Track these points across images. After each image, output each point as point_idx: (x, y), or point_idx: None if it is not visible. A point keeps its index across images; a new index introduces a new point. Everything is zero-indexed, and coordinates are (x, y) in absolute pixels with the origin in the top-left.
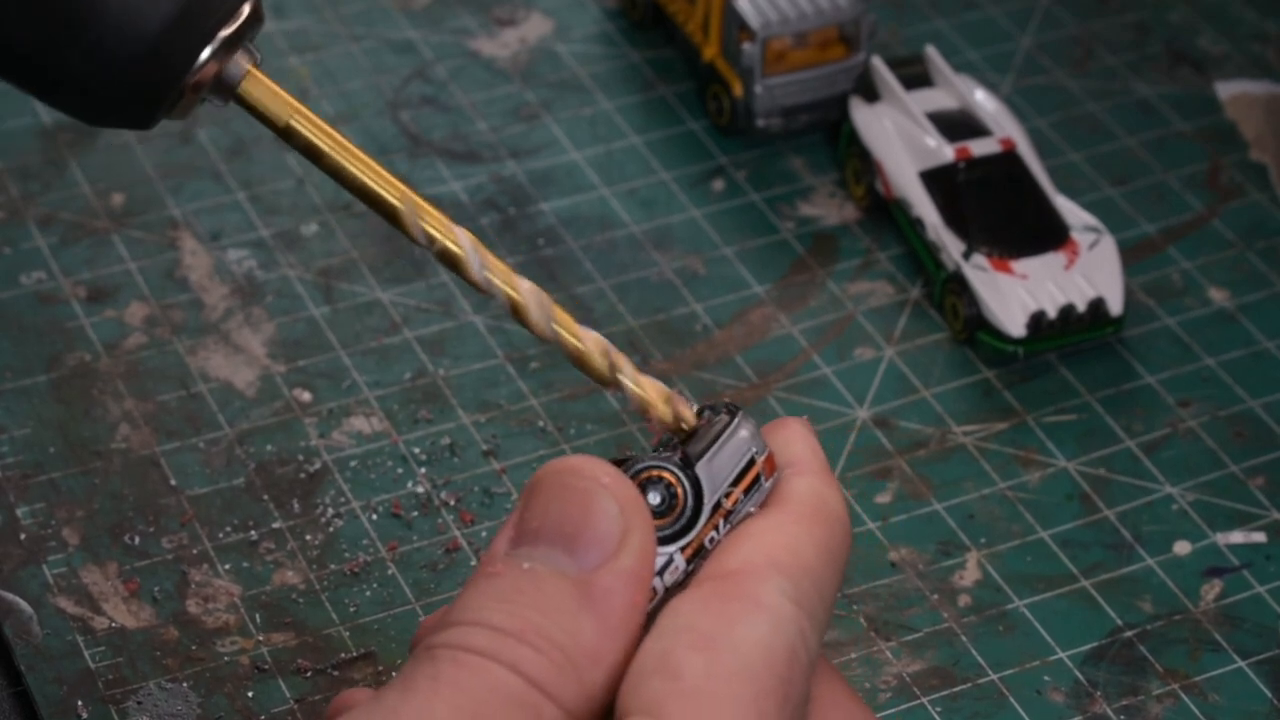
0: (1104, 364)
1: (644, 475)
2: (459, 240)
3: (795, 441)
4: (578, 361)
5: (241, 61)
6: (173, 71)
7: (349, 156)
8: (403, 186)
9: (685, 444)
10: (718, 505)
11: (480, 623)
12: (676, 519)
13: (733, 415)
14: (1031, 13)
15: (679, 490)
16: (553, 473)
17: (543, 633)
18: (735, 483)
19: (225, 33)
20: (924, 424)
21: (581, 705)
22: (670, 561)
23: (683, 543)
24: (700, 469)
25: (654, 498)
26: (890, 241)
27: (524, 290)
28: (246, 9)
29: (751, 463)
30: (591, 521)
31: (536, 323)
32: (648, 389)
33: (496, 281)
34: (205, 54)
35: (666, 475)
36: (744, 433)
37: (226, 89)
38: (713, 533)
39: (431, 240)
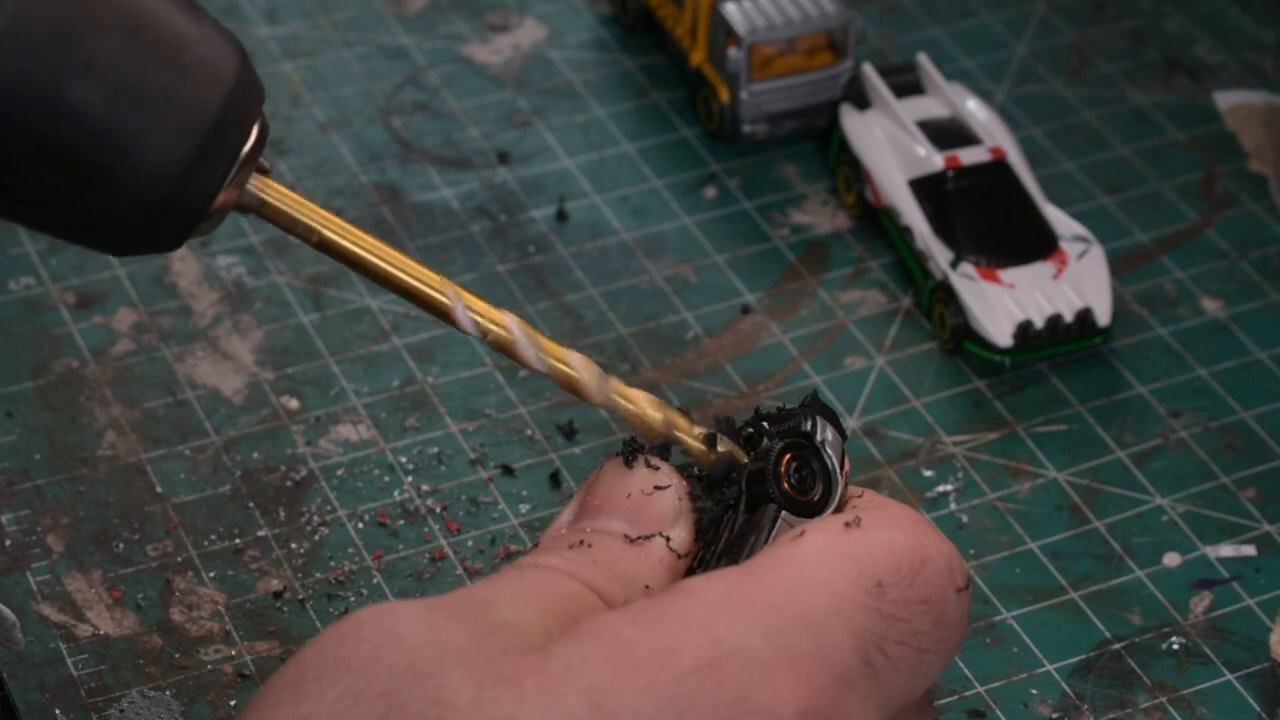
0: (1095, 374)
1: (787, 456)
2: (508, 326)
3: None
4: (637, 422)
5: (258, 175)
6: (197, 203)
7: (385, 257)
8: (441, 278)
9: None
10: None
11: (557, 550)
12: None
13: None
14: (1027, 21)
15: (816, 470)
16: (616, 461)
17: (608, 567)
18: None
19: (243, 154)
20: (914, 434)
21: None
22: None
23: (831, 508)
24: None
25: (796, 477)
26: (882, 250)
27: (576, 364)
28: (256, 129)
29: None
30: (652, 500)
31: (594, 395)
32: (694, 442)
33: (551, 361)
34: (228, 181)
35: (806, 456)
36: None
37: (247, 206)
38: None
39: (484, 332)
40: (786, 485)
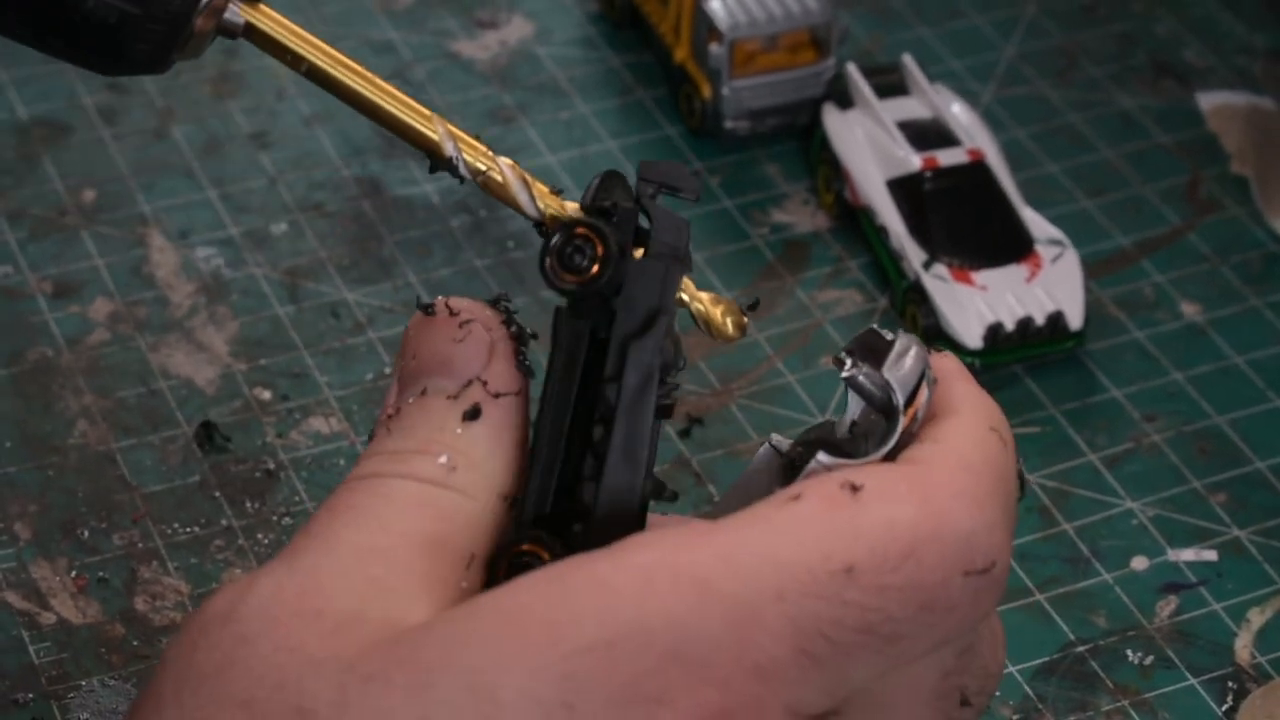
0: (1070, 377)
1: (575, 232)
2: (499, 167)
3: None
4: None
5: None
6: (175, 12)
7: (374, 89)
8: (431, 114)
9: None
10: (909, 404)
11: (374, 452)
12: (600, 273)
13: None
14: (1016, 23)
15: (598, 244)
16: (415, 319)
17: (434, 439)
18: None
19: None
20: None
21: (479, 490)
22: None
23: (886, 449)
24: (888, 373)
25: (578, 259)
26: (860, 250)
27: (574, 211)
28: None
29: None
30: (461, 344)
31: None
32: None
33: (546, 206)
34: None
35: (584, 231)
36: (917, 348)
37: (233, 29)
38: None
39: (473, 172)
40: (564, 274)
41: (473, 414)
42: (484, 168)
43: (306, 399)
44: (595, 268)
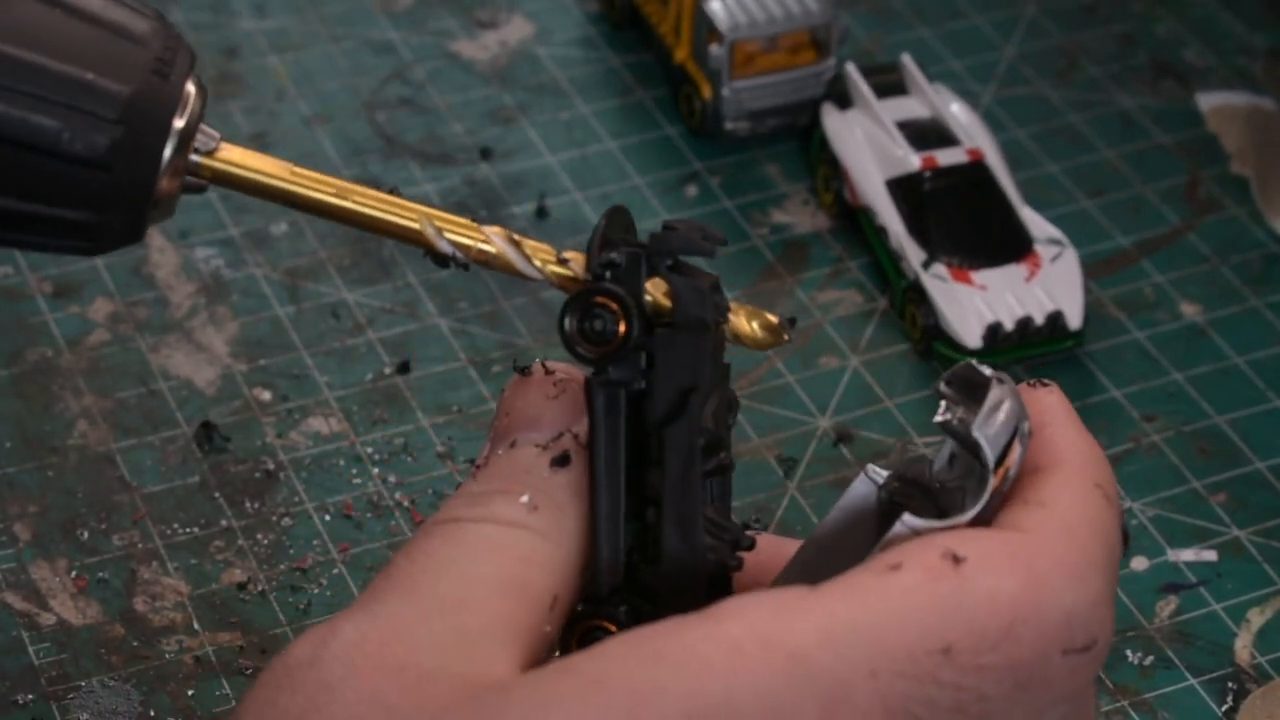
0: (1070, 377)
1: (592, 301)
2: (492, 241)
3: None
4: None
5: (206, 142)
6: (140, 183)
7: (358, 198)
8: (417, 206)
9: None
10: (1000, 462)
11: (457, 495)
12: (626, 338)
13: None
14: (1016, 23)
15: (619, 316)
16: (512, 381)
17: (517, 480)
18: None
19: (179, 124)
20: (886, 434)
21: (562, 533)
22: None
23: (974, 511)
24: (977, 431)
25: (596, 324)
26: (860, 251)
27: (577, 268)
28: (191, 88)
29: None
30: (554, 400)
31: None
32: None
33: (550, 268)
34: (167, 152)
35: (604, 301)
36: (1011, 401)
37: (201, 176)
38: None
39: (464, 250)
40: (584, 344)
41: (561, 460)
42: (475, 243)
43: (306, 399)
44: (619, 331)
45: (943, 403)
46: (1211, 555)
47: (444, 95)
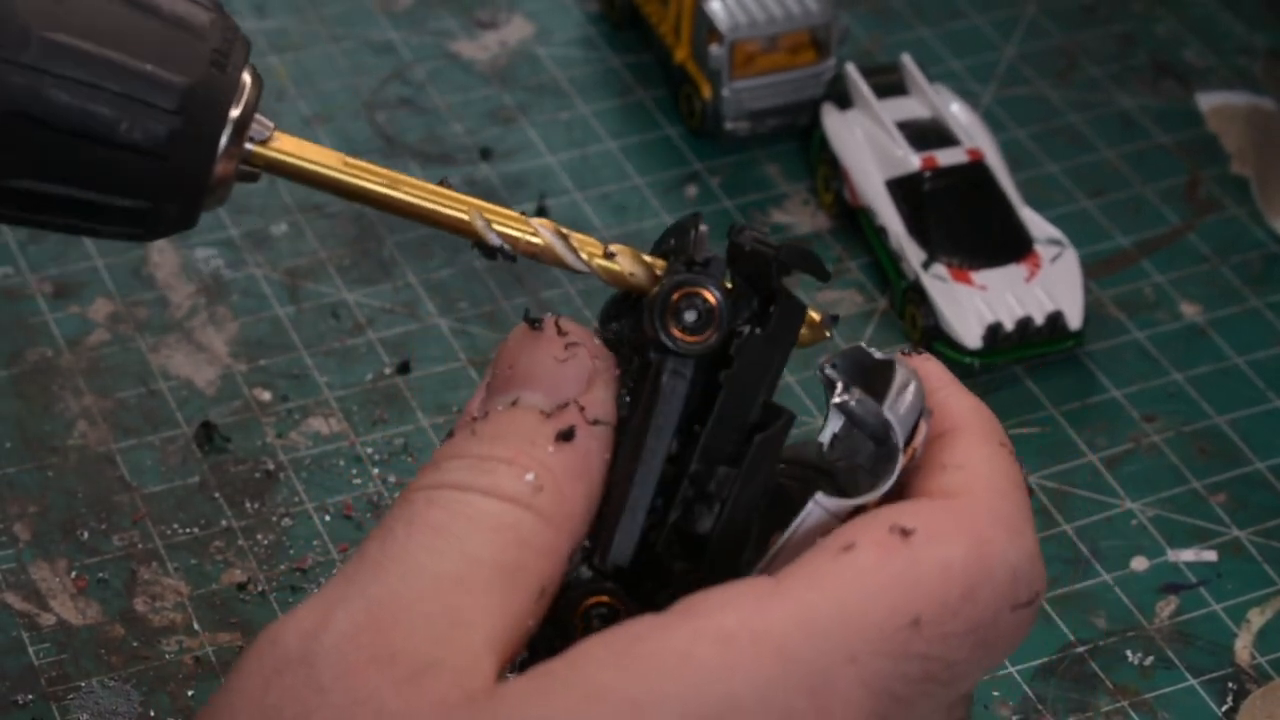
0: (1070, 377)
1: (680, 292)
2: (540, 233)
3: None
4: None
5: (261, 131)
6: (196, 172)
7: (408, 189)
8: (467, 198)
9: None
10: (909, 442)
11: (456, 455)
12: (711, 334)
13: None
14: (1016, 23)
15: (714, 306)
16: (518, 330)
17: (523, 452)
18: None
19: (235, 114)
20: None
21: (562, 518)
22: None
23: (884, 488)
24: (889, 411)
25: (689, 315)
26: (860, 251)
27: (624, 263)
28: (247, 78)
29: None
30: (563, 365)
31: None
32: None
33: (597, 262)
34: (223, 141)
35: (703, 293)
36: (916, 382)
37: (254, 165)
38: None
39: (513, 243)
40: (675, 330)
41: (566, 434)
42: (524, 236)
43: (306, 399)
44: (713, 326)
45: (838, 384)
46: (1211, 555)
47: (444, 95)
